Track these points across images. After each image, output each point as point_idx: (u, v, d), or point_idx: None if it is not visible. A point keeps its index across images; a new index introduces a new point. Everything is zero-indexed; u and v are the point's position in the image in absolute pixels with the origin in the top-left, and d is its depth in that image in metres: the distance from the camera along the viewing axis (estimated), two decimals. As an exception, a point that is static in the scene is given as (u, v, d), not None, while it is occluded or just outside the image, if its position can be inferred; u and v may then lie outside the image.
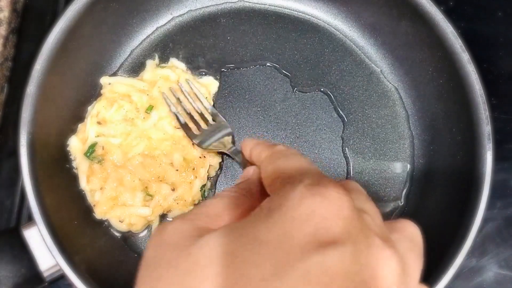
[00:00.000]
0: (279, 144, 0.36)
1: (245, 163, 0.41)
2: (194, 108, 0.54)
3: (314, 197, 0.24)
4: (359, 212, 0.25)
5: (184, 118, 0.53)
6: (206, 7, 0.60)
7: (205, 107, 0.54)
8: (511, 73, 0.63)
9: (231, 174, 0.55)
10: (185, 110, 0.53)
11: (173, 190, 0.51)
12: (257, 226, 0.24)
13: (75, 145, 0.52)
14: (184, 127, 0.52)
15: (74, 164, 0.52)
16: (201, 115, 0.53)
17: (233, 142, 0.54)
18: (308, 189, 0.25)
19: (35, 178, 0.45)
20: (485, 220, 0.47)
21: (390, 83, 0.59)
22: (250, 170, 0.36)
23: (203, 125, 0.53)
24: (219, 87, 0.57)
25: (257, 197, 0.33)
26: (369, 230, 0.24)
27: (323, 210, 0.23)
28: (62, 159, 0.51)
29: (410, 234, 0.29)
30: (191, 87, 0.55)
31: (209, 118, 0.54)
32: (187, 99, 0.54)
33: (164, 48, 0.58)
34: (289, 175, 0.29)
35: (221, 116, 0.54)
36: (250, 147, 0.39)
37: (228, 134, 0.53)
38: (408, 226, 0.29)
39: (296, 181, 0.26)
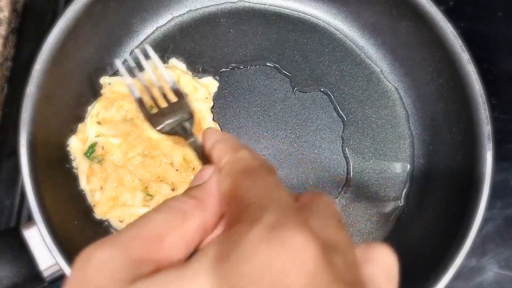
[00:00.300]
0: (244, 148, 0.29)
1: (205, 159, 0.34)
2: (152, 81, 0.47)
3: (273, 245, 0.20)
4: (327, 255, 0.21)
5: (141, 93, 0.46)
6: (206, 7, 0.60)
7: (165, 81, 0.47)
8: (511, 73, 0.63)
9: (231, 174, 0.55)
10: (142, 83, 0.47)
11: (173, 190, 0.51)
12: (199, 284, 0.20)
13: (75, 145, 0.52)
14: (139, 102, 0.46)
15: (74, 164, 0.52)
16: (161, 91, 0.47)
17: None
18: (267, 231, 0.20)
19: (35, 178, 0.45)
20: (485, 220, 0.47)
21: (390, 83, 0.59)
22: (208, 172, 0.29)
23: (161, 102, 0.46)
24: (219, 87, 0.57)
25: (212, 209, 0.26)
26: (338, 282, 0.20)
27: (282, 262, 0.19)
28: (62, 159, 0.51)
29: (386, 266, 0.25)
30: (149, 54, 0.48)
31: (170, 95, 0.46)
32: (145, 70, 0.48)
33: (164, 48, 0.58)
34: (247, 202, 0.24)
35: (185, 94, 0.47)
36: (212, 141, 0.32)
37: (189, 117, 0.44)
38: (385, 256, 0.25)
39: (254, 216, 0.22)
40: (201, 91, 0.55)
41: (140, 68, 0.49)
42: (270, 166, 0.28)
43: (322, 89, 0.58)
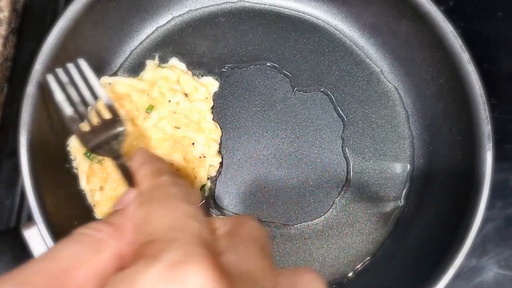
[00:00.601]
0: (167, 173, 0.28)
1: (132, 181, 0.31)
2: (84, 97, 0.44)
3: (171, 285, 0.19)
4: None
5: (72, 109, 0.43)
6: (206, 7, 0.60)
7: (99, 97, 0.45)
8: (511, 73, 0.63)
9: (231, 174, 0.55)
10: (72, 98, 0.44)
11: (173, 190, 0.51)
12: None
13: (75, 145, 0.52)
14: (69, 120, 0.43)
15: (74, 164, 0.52)
16: (95, 108, 0.44)
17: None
18: (167, 270, 0.19)
19: (35, 178, 0.45)
20: (485, 220, 0.47)
21: (390, 83, 0.59)
22: (130, 196, 0.28)
23: (93, 120, 0.43)
24: (219, 87, 0.57)
25: (129, 238, 0.24)
26: None
27: None
28: (62, 159, 0.51)
29: None
30: (83, 69, 0.45)
31: (103, 111, 0.44)
32: (77, 85, 0.45)
33: (164, 48, 0.58)
34: (154, 235, 0.22)
35: (119, 111, 0.44)
36: (138, 163, 0.30)
37: (118, 135, 0.42)
38: (311, 281, 0.24)
39: (156, 252, 0.20)
40: (201, 91, 0.55)
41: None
42: (189, 194, 0.26)
43: (322, 89, 0.58)
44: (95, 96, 0.44)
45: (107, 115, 0.44)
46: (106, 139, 0.42)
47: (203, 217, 0.24)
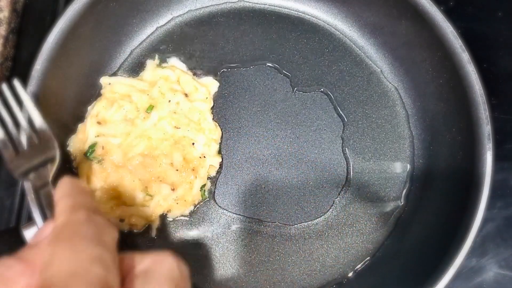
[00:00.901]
0: (83, 209, 0.26)
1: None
2: (17, 120, 0.42)
3: None
4: None
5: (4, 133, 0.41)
6: (206, 7, 0.60)
7: (33, 120, 0.43)
8: (511, 73, 0.63)
9: (231, 175, 0.55)
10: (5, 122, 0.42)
11: (173, 190, 0.51)
12: None
13: (75, 145, 0.52)
14: (1, 144, 0.41)
15: (74, 164, 0.52)
16: (27, 131, 0.42)
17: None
18: None
19: (35, 178, 0.45)
20: (485, 220, 0.47)
21: (390, 83, 0.59)
22: (47, 230, 0.26)
23: (22, 145, 0.42)
24: (219, 87, 0.57)
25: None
26: None
27: None
28: (62, 159, 0.51)
29: None
30: (17, 90, 0.43)
31: (33, 136, 0.42)
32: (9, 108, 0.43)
33: (164, 48, 0.58)
34: (51, 282, 0.21)
35: (51, 136, 0.42)
36: (60, 195, 0.28)
37: (49, 161, 0.41)
38: None
39: None
40: (201, 91, 0.55)
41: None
42: (103, 233, 0.24)
43: (322, 89, 0.58)
44: (29, 119, 0.42)
45: (39, 140, 0.42)
46: (37, 165, 0.41)
47: (112, 259, 0.23)
